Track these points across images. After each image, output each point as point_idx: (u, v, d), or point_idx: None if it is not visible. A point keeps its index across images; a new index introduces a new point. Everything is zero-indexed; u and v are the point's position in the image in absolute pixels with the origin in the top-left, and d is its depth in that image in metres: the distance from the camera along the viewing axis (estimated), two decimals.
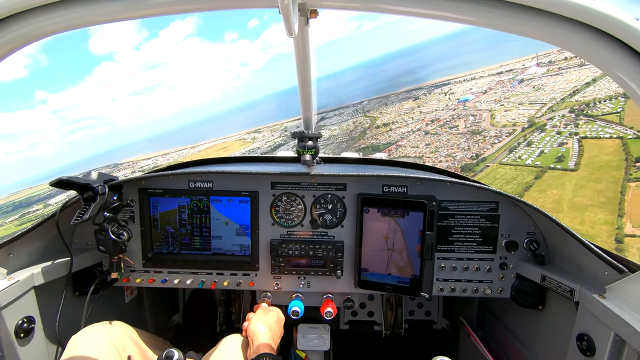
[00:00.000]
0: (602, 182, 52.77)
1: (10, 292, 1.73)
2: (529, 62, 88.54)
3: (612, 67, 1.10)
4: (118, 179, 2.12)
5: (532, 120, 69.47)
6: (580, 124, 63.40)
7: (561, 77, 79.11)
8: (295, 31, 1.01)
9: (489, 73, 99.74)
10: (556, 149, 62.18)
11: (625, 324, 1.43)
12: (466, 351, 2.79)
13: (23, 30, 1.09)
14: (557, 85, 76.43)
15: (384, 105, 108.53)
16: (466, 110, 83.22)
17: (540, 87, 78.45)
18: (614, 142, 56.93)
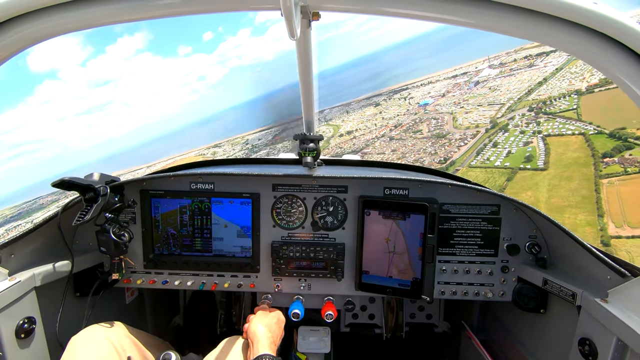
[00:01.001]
0: (575, 180, 52.97)
1: (12, 292, 1.73)
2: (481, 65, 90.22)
3: (613, 69, 1.10)
4: (120, 180, 2.12)
5: (494, 121, 70.15)
6: (541, 122, 63.88)
7: (514, 77, 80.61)
8: (298, 33, 1.01)
9: (445, 77, 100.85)
10: (523, 148, 62.34)
11: (628, 329, 1.42)
12: (467, 355, 2.77)
13: (24, 33, 1.10)
14: (511, 86, 77.73)
15: (346, 112, 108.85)
16: (427, 114, 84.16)
17: (496, 88, 79.74)
18: (577, 138, 57.12)
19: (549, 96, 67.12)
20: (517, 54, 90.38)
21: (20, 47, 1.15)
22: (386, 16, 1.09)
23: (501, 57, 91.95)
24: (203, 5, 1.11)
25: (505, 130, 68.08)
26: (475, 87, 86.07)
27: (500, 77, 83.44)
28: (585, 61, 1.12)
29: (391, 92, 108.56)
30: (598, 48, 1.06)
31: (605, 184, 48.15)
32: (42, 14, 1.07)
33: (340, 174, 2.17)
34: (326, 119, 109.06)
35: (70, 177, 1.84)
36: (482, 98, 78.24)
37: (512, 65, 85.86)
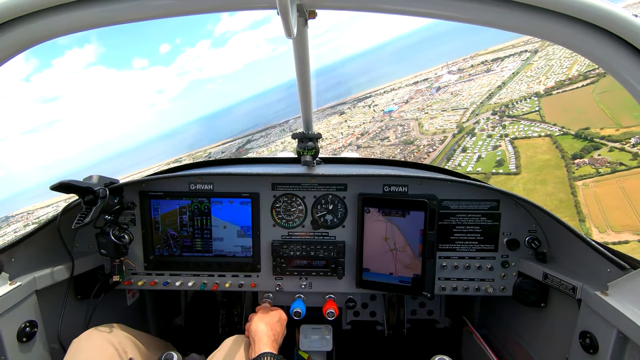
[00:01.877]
0: (549, 183, 52.86)
1: (13, 296, 1.73)
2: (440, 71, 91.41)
3: (613, 65, 1.10)
4: (119, 182, 2.12)
5: (461, 126, 70.30)
6: (506, 125, 63.99)
7: (474, 82, 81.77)
8: (294, 32, 1.01)
9: (406, 83, 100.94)
10: (492, 152, 62.30)
11: (629, 321, 1.42)
12: (469, 350, 2.78)
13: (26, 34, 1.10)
14: (472, 90, 78.59)
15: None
16: (393, 121, 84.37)
17: (458, 93, 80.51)
18: (544, 140, 57.02)
19: (510, 99, 67.74)
20: (473, 60, 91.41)
21: (21, 47, 1.15)
22: (382, 13, 1.09)
23: (459, 63, 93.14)
24: (200, 5, 1.11)
25: (472, 134, 68.29)
26: (437, 92, 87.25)
27: (460, 82, 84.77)
28: (587, 57, 1.12)
29: (355, 100, 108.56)
30: (596, 41, 1.05)
31: (580, 186, 47.97)
32: (43, 14, 1.07)
33: (339, 172, 2.17)
34: (291, 129, 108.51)
35: (69, 179, 1.84)
36: (445, 103, 78.98)
37: (470, 70, 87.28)
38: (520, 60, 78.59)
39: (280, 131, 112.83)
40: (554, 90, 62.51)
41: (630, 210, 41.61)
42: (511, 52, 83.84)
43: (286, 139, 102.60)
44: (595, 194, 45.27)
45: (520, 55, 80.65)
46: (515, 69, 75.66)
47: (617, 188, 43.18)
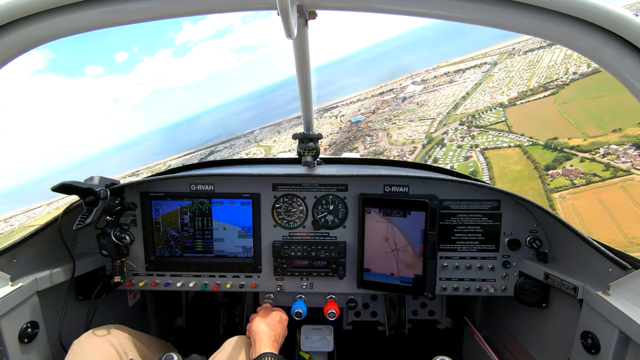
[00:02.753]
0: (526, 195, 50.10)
1: (14, 297, 1.73)
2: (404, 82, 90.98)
3: (613, 64, 1.10)
4: (120, 183, 2.13)
5: (430, 136, 70.03)
6: (475, 135, 63.69)
7: (438, 93, 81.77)
8: (294, 33, 1.01)
9: (372, 94, 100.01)
10: (464, 163, 61.40)
11: (630, 321, 1.42)
12: (470, 350, 2.78)
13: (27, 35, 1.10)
14: (437, 101, 78.40)
15: (277, 133, 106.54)
16: (361, 131, 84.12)
17: (424, 104, 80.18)
18: (514, 150, 56.22)
19: (475, 110, 67.49)
20: (436, 71, 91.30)
21: (22, 49, 1.16)
22: (381, 13, 1.09)
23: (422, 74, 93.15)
24: (200, 6, 1.11)
25: (442, 145, 67.81)
26: (402, 103, 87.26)
27: (425, 93, 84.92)
28: (586, 55, 1.12)
29: (322, 110, 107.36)
30: (596, 41, 1.05)
31: (557, 198, 47.10)
32: (44, 16, 1.07)
33: (340, 172, 2.17)
34: (256, 140, 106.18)
35: (70, 180, 1.84)
36: (411, 114, 78.89)
37: (434, 81, 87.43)
38: (481, 72, 78.68)
39: (245, 142, 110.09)
40: (517, 101, 62.63)
41: (613, 224, 41.03)
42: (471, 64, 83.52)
43: (251, 150, 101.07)
44: (574, 207, 44.75)
45: (480, 67, 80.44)
46: (477, 80, 76.42)
47: (595, 200, 42.71)
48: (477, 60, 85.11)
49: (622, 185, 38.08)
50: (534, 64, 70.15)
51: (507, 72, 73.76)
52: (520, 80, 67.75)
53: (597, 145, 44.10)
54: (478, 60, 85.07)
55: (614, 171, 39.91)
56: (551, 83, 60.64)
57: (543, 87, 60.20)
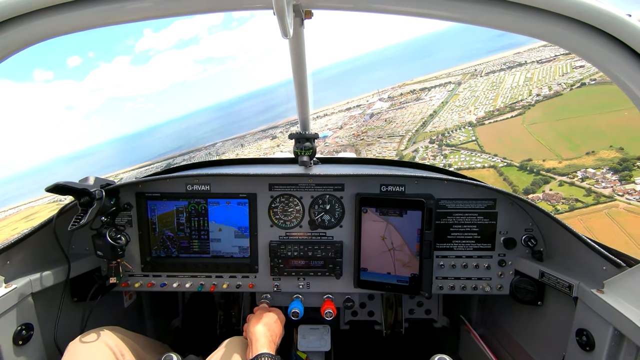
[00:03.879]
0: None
1: (8, 299, 1.71)
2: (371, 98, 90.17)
3: (607, 65, 1.11)
4: (115, 184, 2.11)
5: (400, 154, 69.07)
6: (447, 154, 62.89)
7: (405, 110, 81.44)
8: (290, 32, 1.01)
9: (339, 109, 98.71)
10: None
11: (624, 319, 1.44)
12: (467, 349, 2.79)
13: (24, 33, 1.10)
14: (405, 118, 78.12)
15: (240, 146, 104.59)
16: (328, 147, 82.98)
17: (392, 120, 79.55)
18: (489, 171, 54.88)
19: (445, 128, 66.75)
20: (402, 89, 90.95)
21: (19, 47, 1.15)
22: (378, 13, 1.09)
23: (388, 91, 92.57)
24: (197, 6, 1.11)
25: None
26: (370, 119, 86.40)
27: (393, 109, 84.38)
28: (583, 57, 1.13)
29: (288, 124, 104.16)
30: (590, 41, 1.06)
31: None
32: (42, 14, 1.06)
33: (336, 172, 2.17)
34: (218, 153, 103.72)
35: (65, 181, 1.83)
36: (380, 130, 77.95)
37: (401, 98, 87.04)
38: (446, 90, 78.07)
39: (205, 154, 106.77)
40: (485, 120, 61.76)
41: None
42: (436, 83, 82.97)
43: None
44: None
45: (445, 86, 79.80)
46: (443, 99, 75.94)
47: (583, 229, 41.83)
48: (442, 80, 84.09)
49: (607, 212, 37.05)
50: (497, 85, 69.73)
51: (472, 91, 72.92)
52: (485, 99, 67.18)
53: (574, 169, 43.16)
54: (442, 79, 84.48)
55: (597, 197, 38.80)
56: (517, 104, 60.04)
57: (509, 107, 59.15)
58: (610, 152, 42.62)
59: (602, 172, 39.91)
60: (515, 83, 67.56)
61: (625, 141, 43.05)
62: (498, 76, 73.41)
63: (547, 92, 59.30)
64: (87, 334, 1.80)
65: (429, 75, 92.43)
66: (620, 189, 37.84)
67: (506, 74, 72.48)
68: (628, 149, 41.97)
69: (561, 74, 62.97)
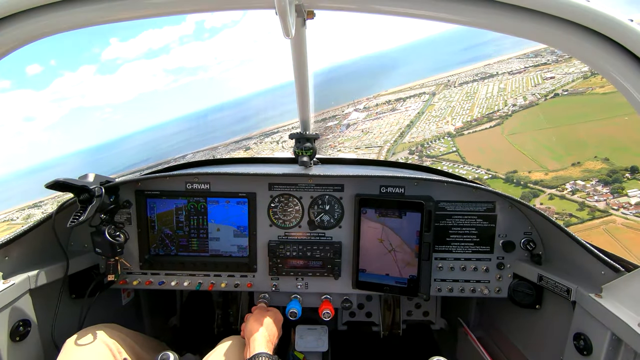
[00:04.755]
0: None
1: (6, 295, 1.71)
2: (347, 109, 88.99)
3: (608, 68, 1.11)
4: (115, 181, 2.11)
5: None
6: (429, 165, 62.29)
7: (382, 120, 79.42)
8: (292, 32, 1.01)
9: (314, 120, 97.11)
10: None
11: (622, 323, 1.44)
12: (464, 351, 2.79)
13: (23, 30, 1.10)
14: (382, 129, 75.95)
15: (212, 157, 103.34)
16: None
17: (369, 131, 77.44)
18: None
19: (423, 138, 64.79)
20: (377, 99, 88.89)
21: (18, 44, 1.15)
22: (380, 14, 1.09)
23: (363, 101, 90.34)
24: (198, 5, 1.11)
25: None
26: (347, 130, 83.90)
27: (369, 120, 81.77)
28: (582, 60, 1.13)
29: (262, 135, 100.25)
30: (593, 46, 1.06)
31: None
32: (41, 11, 1.06)
33: (336, 173, 2.17)
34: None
35: (64, 178, 1.83)
36: (357, 141, 75.53)
37: (377, 109, 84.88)
38: (422, 101, 76.02)
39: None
40: (464, 131, 59.56)
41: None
42: (411, 94, 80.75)
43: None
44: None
45: (420, 96, 77.82)
46: (419, 109, 74.01)
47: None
48: (416, 90, 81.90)
49: (605, 228, 34.69)
50: (471, 95, 68.42)
51: (447, 101, 71.17)
52: (462, 110, 65.55)
53: (562, 181, 40.93)
54: (416, 90, 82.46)
55: (591, 211, 36.23)
56: (494, 114, 58.36)
57: (487, 117, 57.27)
58: (596, 163, 40.78)
59: (592, 184, 37.69)
60: (490, 93, 66.03)
61: (609, 151, 41.53)
62: (471, 87, 71.96)
63: (522, 102, 58.13)
64: (85, 331, 1.80)
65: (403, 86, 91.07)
66: (614, 202, 35.50)
67: (479, 85, 70.86)
68: (614, 159, 40.17)
69: (533, 85, 61.88)
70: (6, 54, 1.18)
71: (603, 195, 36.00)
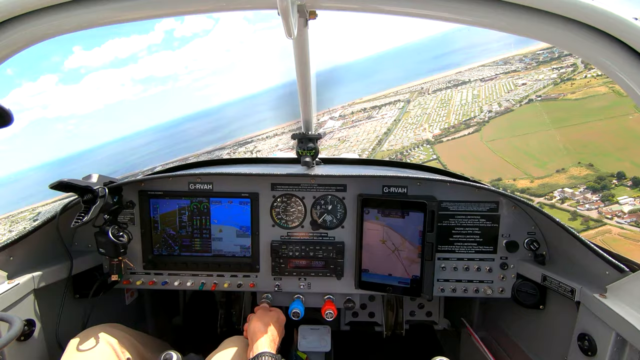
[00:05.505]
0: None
1: (11, 295, 1.72)
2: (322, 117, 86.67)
3: (612, 67, 1.10)
4: (118, 181, 2.12)
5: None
6: None
7: (359, 128, 79.04)
8: (295, 32, 1.01)
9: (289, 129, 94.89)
10: None
11: (627, 324, 1.42)
12: (468, 352, 2.78)
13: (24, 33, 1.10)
14: (359, 137, 75.40)
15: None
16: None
17: (345, 139, 77.02)
18: None
19: (402, 146, 63.98)
20: (353, 107, 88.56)
21: (20, 46, 1.16)
22: (382, 14, 1.09)
23: (338, 110, 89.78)
24: (201, 5, 1.11)
25: None
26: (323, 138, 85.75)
27: (345, 128, 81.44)
28: (584, 58, 1.12)
29: (236, 144, 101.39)
30: (595, 44, 1.06)
31: None
32: (43, 13, 1.07)
33: (339, 173, 2.17)
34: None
35: (68, 178, 1.84)
36: (334, 149, 74.56)
37: (352, 117, 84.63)
38: (397, 108, 74.80)
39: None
40: (442, 138, 58.61)
41: None
42: (386, 102, 79.79)
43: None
44: None
45: (395, 104, 76.68)
46: (395, 116, 73.15)
47: None
48: (391, 98, 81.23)
49: (602, 239, 32.37)
50: (446, 102, 67.69)
51: (422, 108, 70.38)
52: (438, 117, 64.88)
53: (549, 188, 39.52)
54: (391, 97, 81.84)
55: (585, 221, 34.46)
56: (471, 120, 57.51)
57: (464, 124, 56.42)
58: (581, 169, 39.26)
59: (581, 191, 35.71)
60: (464, 100, 65.26)
61: (592, 157, 40.25)
62: (446, 93, 71.29)
63: (497, 108, 57.22)
64: (89, 331, 1.81)
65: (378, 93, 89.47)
66: (606, 210, 33.23)
67: (453, 92, 70.21)
68: (598, 165, 38.50)
69: (506, 91, 61.04)
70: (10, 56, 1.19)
71: (594, 204, 33.89)
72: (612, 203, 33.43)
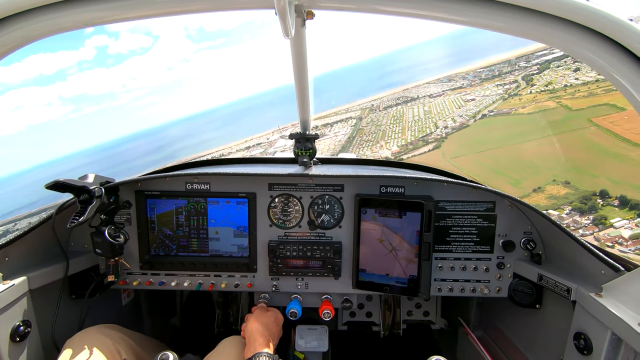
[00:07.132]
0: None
1: (6, 296, 1.71)
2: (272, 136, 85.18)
3: (608, 68, 1.11)
4: (115, 181, 2.11)
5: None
6: None
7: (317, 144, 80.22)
8: (292, 32, 1.01)
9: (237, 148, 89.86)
10: None
11: (622, 323, 1.44)
12: (465, 351, 2.79)
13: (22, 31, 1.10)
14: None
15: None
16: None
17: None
18: None
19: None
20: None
21: (17, 44, 1.15)
22: (380, 14, 1.09)
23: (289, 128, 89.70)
24: (198, 5, 1.11)
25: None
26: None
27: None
28: (580, 59, 1.13)
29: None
30: (590, 45, 1.06)
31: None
32: (40, 12, 1.06)
33: (336, 173, 2.17)
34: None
35: (64, 178, 1.83)
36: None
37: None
38: (349, 125, 72.12)
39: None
40: (402, 155, 55.15)
41: None
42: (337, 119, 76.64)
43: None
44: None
45: (347, 121, 74.09)
46: (349, 134, 70.01)
47: None
48: (342, 115, 78.20)
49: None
50: (399, 119, 65.60)
51: (376, 125, 67.90)
52: (393, 133, 62.65)
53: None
54: (342, 115, 78.85)
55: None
56: (428, 136, 55.24)
57: (422, 140, 54.14)
58: (559, 187, 35.86)
59: (567, 213, 31.57)
60: (417, 116, 63.31)
61: (565, 173, 37.41)
62: (397, 110, 69.19)
63: (452, 124, 55.32)
64: (85, 331, 1.80)
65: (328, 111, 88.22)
66: (604, 236, 28.83)
67: (404, 108, 68.18)
68: (574, 182, 35.16)
69: (457, 107, 59.98)
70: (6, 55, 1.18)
71: (588, 228, 29.82)
72: (607, 227, 29.38)
